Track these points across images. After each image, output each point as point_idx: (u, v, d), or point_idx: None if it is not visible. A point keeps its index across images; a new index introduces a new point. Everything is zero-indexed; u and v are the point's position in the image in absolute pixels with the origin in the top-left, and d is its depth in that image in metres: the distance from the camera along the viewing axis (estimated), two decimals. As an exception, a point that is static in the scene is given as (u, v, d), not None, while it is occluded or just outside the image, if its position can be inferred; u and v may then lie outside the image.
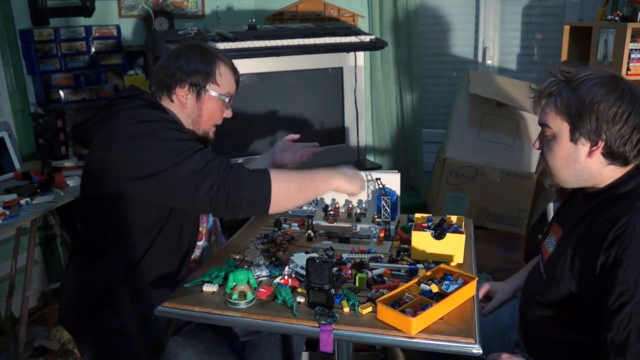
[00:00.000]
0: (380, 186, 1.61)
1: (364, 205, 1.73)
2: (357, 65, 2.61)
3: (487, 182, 2.71)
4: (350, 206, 1.75)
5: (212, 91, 1.52)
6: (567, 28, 2.71)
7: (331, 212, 1.72)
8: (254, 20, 2.54)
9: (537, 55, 3.22)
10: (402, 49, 3.16)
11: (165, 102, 1.53)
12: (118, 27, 3.01)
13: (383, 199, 1.58)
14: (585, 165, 1.24)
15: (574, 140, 1.23)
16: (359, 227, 1.63)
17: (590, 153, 1.22)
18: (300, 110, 2.60)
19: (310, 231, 1.59)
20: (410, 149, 3.31)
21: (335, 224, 1.68)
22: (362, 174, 1.60)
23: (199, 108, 1.53)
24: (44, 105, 2.83)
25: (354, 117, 2.66)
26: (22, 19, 2.78)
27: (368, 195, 1.73)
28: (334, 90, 2.62)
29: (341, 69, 2.60)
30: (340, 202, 1.77)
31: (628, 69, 2.29)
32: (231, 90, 1.57)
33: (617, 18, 2.40)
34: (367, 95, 3.18)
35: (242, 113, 2.45)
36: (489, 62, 3.26)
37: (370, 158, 3.26)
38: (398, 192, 1.70)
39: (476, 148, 2.74)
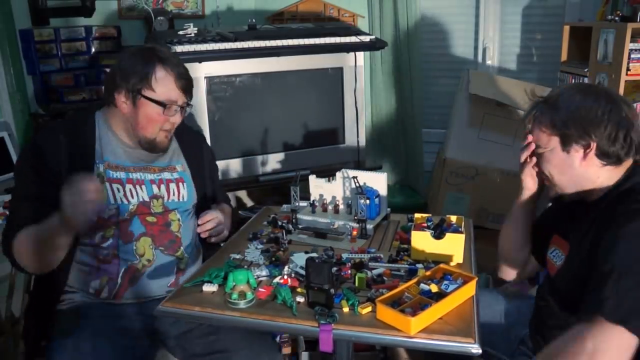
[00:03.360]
0: (356, 185, 1.62)
1: (349, 202, 1.74)
2: (357, 65, 2.61)
3: (487, 182, 2.71)
4: (337, 203, 1.77)
5: (147, 96, 1.47)
6: (567, 28, 2.71)
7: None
8: (254, 20, 2.54)
9: (537, 55, 3.22)
10: (402, 49, 3.16)
11: (110, 110, 1.53)
12: (118, 27, 3.01)
13: (359, 197, 1.58)
14: (582, 170, 1.27)
15: (566, 150, 1.27)
16: (337, 223, 1.65)
17: (584, 156, 1.26)
18: (300, 110, 2.60)
19: (290, 225, 1.64)
20: (410, 149, 3.31)
21: (315, 219, 1.69)
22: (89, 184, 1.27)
23: (135, 114, 1.49)
24: (44, 105, 2.84)
25: (353, 117, 2.66)
26: (22, 19, 2.79)
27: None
28: (334, 90, 2.62)
29: (341, 69, 2.60)
30: (328, 198, 1.78)
31: (628, 69, 2.30)
32: (171, 96, 1.50)
33: (617, 18, 2.40)
34: (367, 95, 3.18)
35: (242, 113, 2.45)
36: (489, 62, 3.26)
37: (371, 158, 3.26)
38: (382, 192, 1.70)
39: (476, 148, 2.75)
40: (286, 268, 1.34)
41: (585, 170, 1.27)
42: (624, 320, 1.04)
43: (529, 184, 1.43)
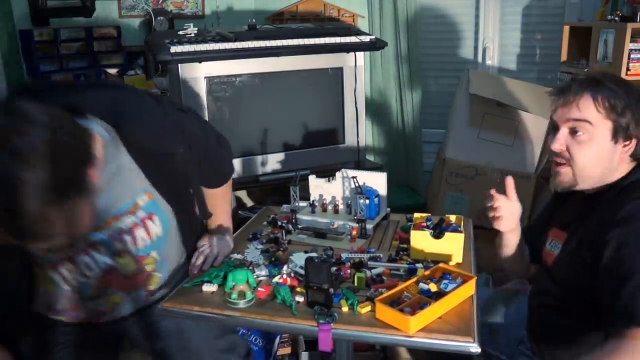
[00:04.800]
0: (356, 185, 1.62)
1: (348, 202, 1.74)
2: (357, 65, 2.61)
3: (487, 182, 2.70)
4: (337, 203, 1.77)
5: None
6: (567, 28, 2.71)
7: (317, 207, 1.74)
8: (254, 20, 2.54)
9: (537, 55, 3.22)
10: (402, 49, 3.17)
11: None
12: (118, 28, 3.02)
13: (358, 197, 1.59)
14: (615, 165, 1.23)
15: (615, 139, 1.20)
16: (336, 223, 1.65)
17: (624, 152, 1.22)
18: (300, 110, 2.59)
19: (290, 225, 1.64)
20: (410, 149, 3.32)
21: (315, 219, 1.69)
22: None
23: None
24: (44, 105, 2.84)
25: (353, 117, 2.66)
26: (22, 19, 2.79)
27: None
28: (334, 90, 2.62)
29: (341, 69, 2.59)
30: (328, 198, 1.78)
31: (628, 69, 2.30)
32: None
33: (616, 18, 2.40)
34: (367, 95, 3.19)
35: (242, 113, 2.45)
36: (489, 62, 3.26)
37: (370, 158, 3.26)
38: (382, 192, 1.70)
39: (476, 148, 2.74)
40: (285, 268, 1.34)
41: (617, 166, 1.24)
42: None
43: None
